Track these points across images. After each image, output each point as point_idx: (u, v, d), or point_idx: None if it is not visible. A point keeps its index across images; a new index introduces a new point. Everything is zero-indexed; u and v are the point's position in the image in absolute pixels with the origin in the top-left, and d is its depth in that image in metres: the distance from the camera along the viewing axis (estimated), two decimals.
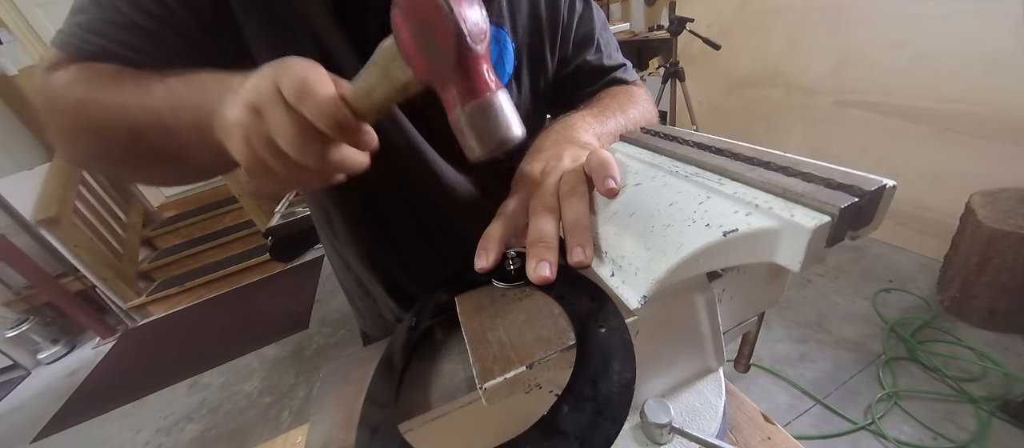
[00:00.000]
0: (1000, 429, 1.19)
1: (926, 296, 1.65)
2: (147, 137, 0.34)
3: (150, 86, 0.33)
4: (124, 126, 0.34)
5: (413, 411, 0.30)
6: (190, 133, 0.32)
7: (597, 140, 0.46)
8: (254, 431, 1.78)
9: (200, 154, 0.33)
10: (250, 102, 0.27)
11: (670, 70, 2.27)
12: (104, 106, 0.34)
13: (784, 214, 0.24)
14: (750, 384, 1.45)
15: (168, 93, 0.33)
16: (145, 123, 0.33)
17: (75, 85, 0.35)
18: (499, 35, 0.50)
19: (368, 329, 0.71)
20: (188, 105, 0.32)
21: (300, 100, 0.26)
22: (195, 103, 0.32)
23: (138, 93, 0.33)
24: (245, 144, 0.28)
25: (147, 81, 0.34)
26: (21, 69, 2.78)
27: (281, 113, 0.26)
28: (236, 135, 0.28)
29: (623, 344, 0.26)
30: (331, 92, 0.27)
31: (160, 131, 0.33)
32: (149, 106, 0.33)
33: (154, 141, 0.34)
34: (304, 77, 0.26)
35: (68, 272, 2.65)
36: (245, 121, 0.27)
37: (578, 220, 0.34)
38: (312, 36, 0.41)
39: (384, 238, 0.56)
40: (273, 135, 0.27)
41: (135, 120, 0.33)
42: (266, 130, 0.27)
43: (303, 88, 0.26)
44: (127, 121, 0.33)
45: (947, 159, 1.71)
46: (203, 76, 0.33)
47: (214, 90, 0.31)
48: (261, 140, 0.27)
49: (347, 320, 2.28)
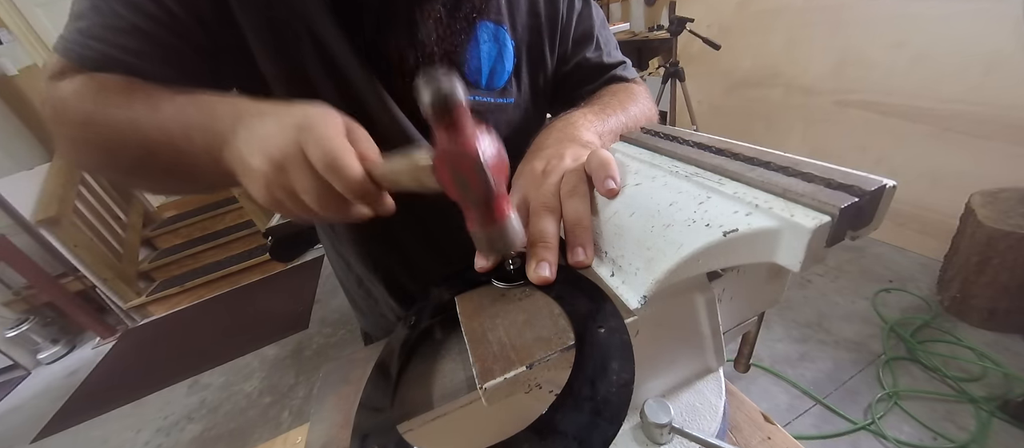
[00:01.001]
0: (1000, 429, 1.19)
1: (926, 296, 1.65)
2: (156, 153, 0.34)
3: (160, 104, 0.34)
4: (133, 141, 0.34)
5: (413, 411, 0.30)
6: (199, 153, 0.32)
7: (598, 138, 0.46)
8: (254, 431, 1.78)
9: (208, 172, 0.34)
10: (274, 159, 0.28)
11: (670, 70, 2.27)
12: (113, 121, 0.34)
13: (784, 214, 0.24)
14: (750, 384, 1.45)
15: (177, 112, 0.33)
16: (154, 140, 0.33)
17: (83, 98, 0.35)
18: (498, 33, 0.50)
19: (369, 328, 0.71)
20: (198, 126, 0.32)
21: (328, 173, 0.27)
22: (205, 125, 0.32)
23: (148, 110, 0.34)
24: (266, 190, 0.29)
25: (156, 98, 0.34)
26: (21, 69, 2.78)
27: (307, 177, 0.28)
28: (258, 181, 0.29)
29: (622, 344, 0.26)
30: (359, 172, 0.28)
31: (169, 149, 0.33)
32: (158, 124, 0.33)
33: (163, 157, 0.34)
34: (332, 153, 0.27)
35: (68, 272, 2.65)
36: (268, 173, 0.28)
37: (579, 220, 0.34)
38: (311, 37, 0.41)
39: (385, 237, 0.56)
40: (297, 191, 0.29)
41: (145, 137, 0.34)
42: (289, 184, 0.29)
43: (331, 165, 0.27)
44: (136, 137, 0.34)
45: (947, 159, 1.71)
46: (213, 98, 0.34)
47: (225, 115, 0.32)
48: (283, 190, 0.29)
49: (347, 320, 2.28)
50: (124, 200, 3.16)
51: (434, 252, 0.57)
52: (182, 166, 0.35)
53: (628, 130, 0.49)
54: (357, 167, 0.28)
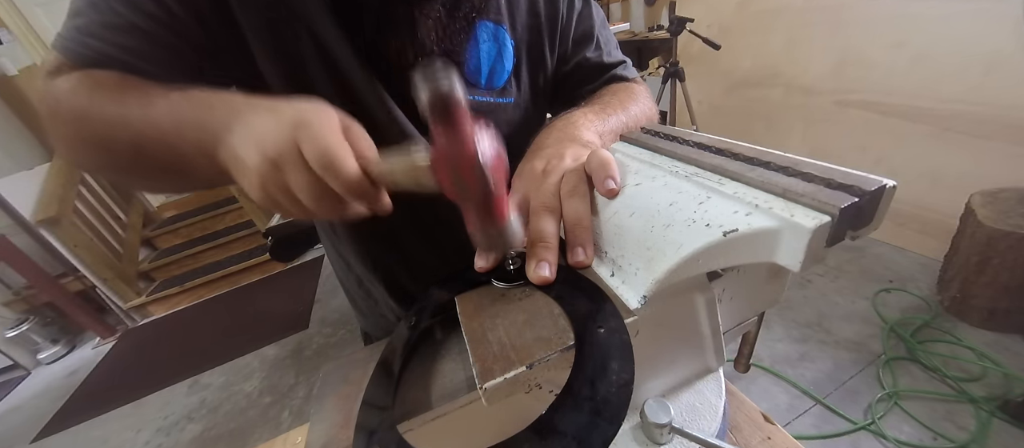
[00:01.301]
0: (1000, 429, 1.19)
1: (926, 296, 1.64)
2: (150, 150, 0.34)
3: (154, 100, 0.33)
4: (127, 138, 0.34)
5: (413, 411, 0.30)
6: (194, 150, 0.32)
7: (599, 138, 0.46)
8: (254, 431, 1.78)
9: (203, 169, 0.33)
10: (270, 156, 0.28)
11: (670, 70, 2.27)
12: (107, 118, 0.34)
13: (784, 214, 0.24)
14: (750, 384, 1.45)
15: (171, 108, 0.33)
16: (148, 137, 0.33)
17: (78, 94, 0.35)
18: (498, 33, 0.50)
19: (369, 328, 0.71)
20: (192, 124, 0.32)
21: (324, 171, 0.27)
22: (199, 123, 0.32)
23: (142, 106, 0.33)
24: (261, 188, 0.29)
25: (151, 95, 0.34)
26: (21, 69, 2.78)
27: (303, 175, 0.27)
28: (253, 179, 0.29)
29: (621, 344, 0.26)
30: (355, 171, 0.28)
31: (163, 146, 0.33)
32: (153, 121, 0.33)
33: (158, 154, 0.34)
34: (328, 151, 0.27)
35: (68, 272, 2.65)
36: (263, 170, 0.28)
37: (579, 220, 0.34)
38: (311, 37, 0.41)
39: (385, 236, 0.56)
40: (292, 189, 0.28)
41: (139, 133, 0.33)
42: (285, 182, 0.28)
43: (328, 163, 0.27)
44: (130, 134, 0.34)
45: (947, 159, 1.71)
46: (207, 95, 0.33)
47: (219, 113, 0.31)
48: (278, 188, 0.28)
49: (347, 320, 2.28)
50: (124, 200, 3.16)
51: (434, 252, 0.57)
52: (175, 163, 0.34)
53: (628, 130, 0.49)
54: (353, 165, 0.28)
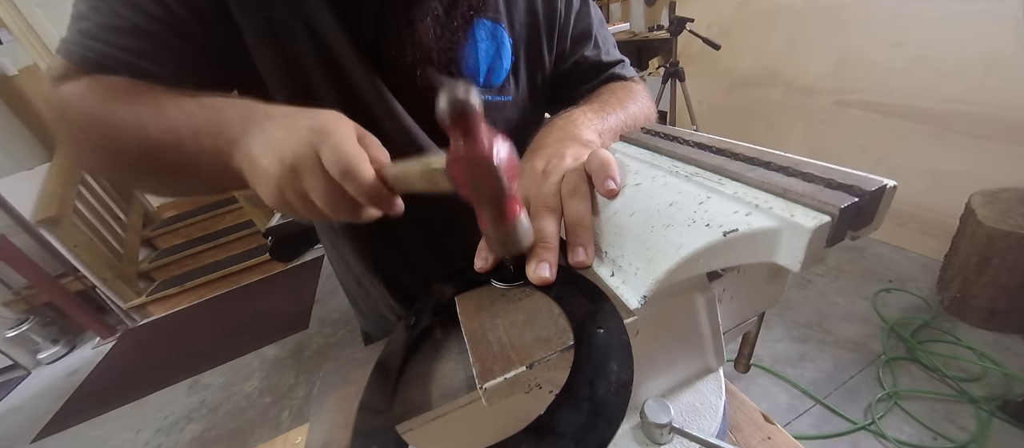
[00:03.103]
0: (1000, 429, 1.19)
1: (926, 296, 1.64)
2: (161, 155, 0.34)
3: (165, 105, 0.34)
4: (138, 143, 0.34)
5: (413, 411, 0.30)
6: (207, 156, 0.33)
7: (599, 137, 0.46)
8: (254, 431, 1.78)
9: (214, 173, 0.34)
10: (289, 162, 0.29)
11: (670, 70, 2.27)
12: (118, 123, 0.34)
13: (784, 214, 0.24)
14: (750, 384, 1.45)
15: (184, 114, 0.33)
16: (160, 142, 0.34)
17: (88, 99, 0.35)
18: (496, 31, 0.50)
19: (369, 328, 0.71)
20: (206, 129, 0.33)
21: (342, 177, 0.28)
22: (213, 129, 0.32)
23: (153, 112, 0.34)
24: (278, 193, 0.30)
25: (161, 100, 0.34)
26: (21, 69, 2.78)
27: (321, 181, 0.29)
28: (270, 184, 0.30)
29: (621, 345, 0.26)
30: (372, 176, 0.29)
31: (175, 150, 0.33)
32: (166, 126, 0.33)
33: (168, 158, 0.34)
34: (347, 158, 0.28)
35: (68, 272, 2.65)
36: (281, 176, 0.29)
37: (580, 220, 0.34)
38: (311, 35, 0.41)
39: (384, 236, 0.56)
40: (309, 193, 0.29)
41: (151, 138, 0.34)
42: (302, 187, 0.29)
43: (346, 169, 0.28)
44: (142, 139, 0.34)
45: (947, 159, 1.71)
46: (219, 100, 0.34)
47: (234, 118, 0.32)
48: (296, 193, 0.30)
49: (347, 320, 2.28)
50: (124, 200, 3.16)
51: (434, 252, 0.57)
52: (187, 167, 0.35)
53: (628, 128, 0.49)
54: (371, 172, 0.29)
